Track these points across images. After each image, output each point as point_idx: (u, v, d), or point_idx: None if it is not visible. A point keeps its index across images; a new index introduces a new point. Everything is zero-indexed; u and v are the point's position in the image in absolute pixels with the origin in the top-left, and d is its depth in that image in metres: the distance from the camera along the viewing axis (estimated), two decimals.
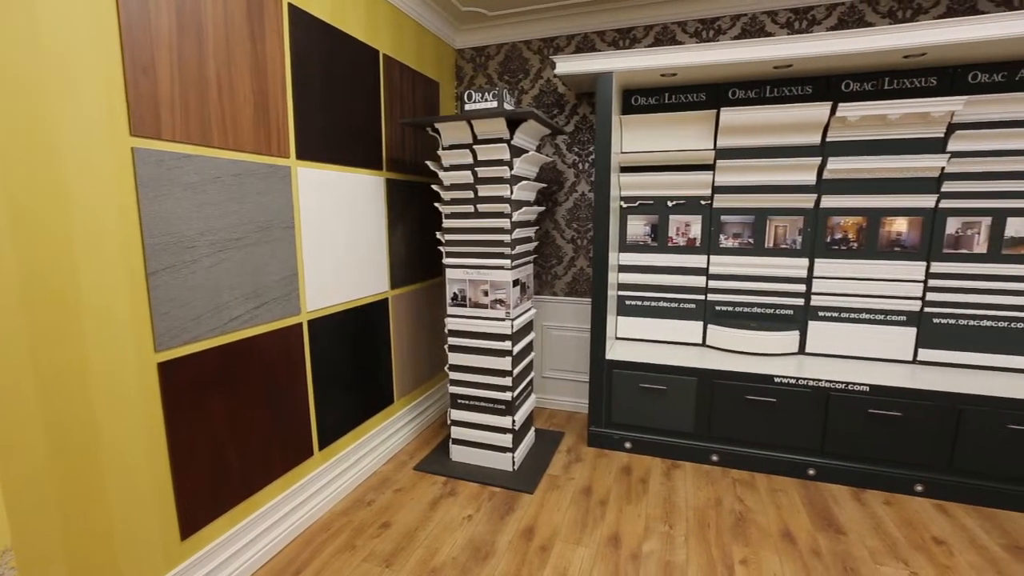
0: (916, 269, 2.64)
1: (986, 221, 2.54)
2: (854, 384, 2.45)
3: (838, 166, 2.63)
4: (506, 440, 2.61)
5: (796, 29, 2.78)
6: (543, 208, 2.91)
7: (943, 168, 2.53)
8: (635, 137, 2.94)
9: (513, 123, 2.38)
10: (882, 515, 2.29)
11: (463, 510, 2.33)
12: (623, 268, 3.08)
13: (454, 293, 2.57)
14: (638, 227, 3.03)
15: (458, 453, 2.73)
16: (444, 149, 2.49)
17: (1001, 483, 2.33)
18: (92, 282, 1.39)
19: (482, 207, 2.46)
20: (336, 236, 2.32)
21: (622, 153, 2.95)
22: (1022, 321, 2.53)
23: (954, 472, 2.38)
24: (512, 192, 2.39)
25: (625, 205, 3.03)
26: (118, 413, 1.47)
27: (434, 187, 2.59)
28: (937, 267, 2.62)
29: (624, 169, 2.99)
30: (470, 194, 2.47)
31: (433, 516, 2.29)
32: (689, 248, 2.96)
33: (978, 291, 2.58)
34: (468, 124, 2.37)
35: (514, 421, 2.59)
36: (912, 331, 2.69)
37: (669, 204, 2.96)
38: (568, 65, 2.65)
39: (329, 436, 2.34)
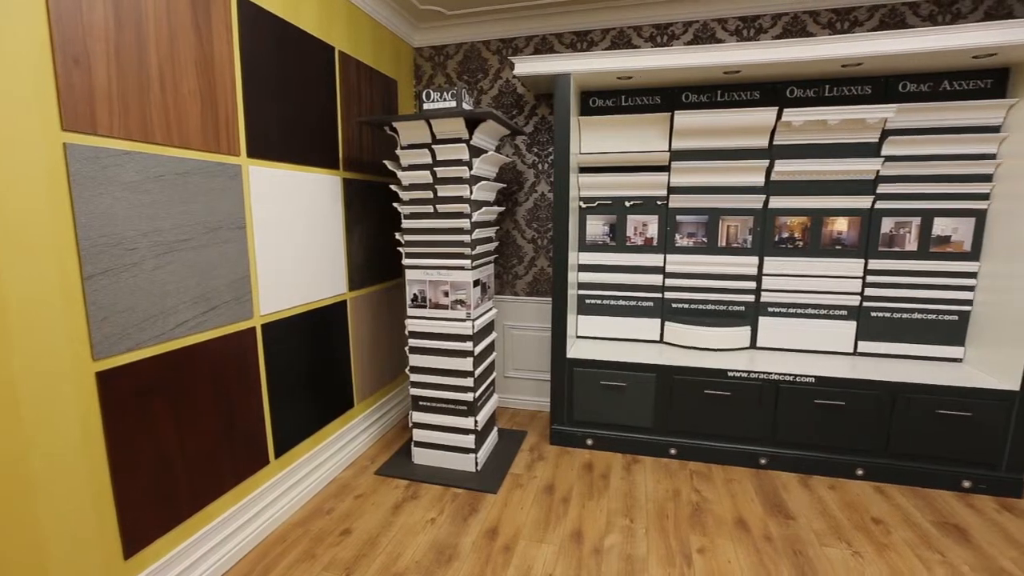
0: (855, 266, 2.80)
1: (916, 221, 2.71)
2: (801, 376, 2.57)
3: (784, 168, 2.75)
4: (469, 441, 2.60)
5: (744, 37, 2.90)
6: (503, 208, 2.92)
7: (878, 171, 2.69)
8: (593, 138, 2.99)
9: (472, 123, 2.37)
10: (827, 499, 2.41)
11: (426, 513, 2.31)
12: (583, 267, 3.13)
13: (414, 294, 2.55)
14: (597, 227, 3.08)
15: (420, 456, 2.70)
16: (402, 149, 2.46)
17: (931, 464, 2.50)
18: (20, 288, 1.29)
19: (441, 207, 2.44)
20: (291, 237, 2.25)
21: (581, 154, 3.00)
22: (947, 314, 2.73)
23: (890, 456, 2.54)
24: (471, 192, 2.39)
25: (584, 205, 3.08)
26: (53, 427, 1.38)
27: (393, 187, 2.56)
28: (874, 264, 2.78)
29: (583, 170, 3.04)
30: (429, 194, 2.45)
31: (395, 521, 2.25)
32: (646, 247, 3.04)
33: (910, 286, 2.76)
34: (427, 124, 2.35)
35: (476, 422, 2.58)
36: (852, 324, 2.85)
37: (627, 204, 3.02)
38: (527, 66, 2.67)
39: (286, 443, 2.27)
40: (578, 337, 3.21)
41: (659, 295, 3.06)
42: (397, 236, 2.56)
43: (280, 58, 2.14)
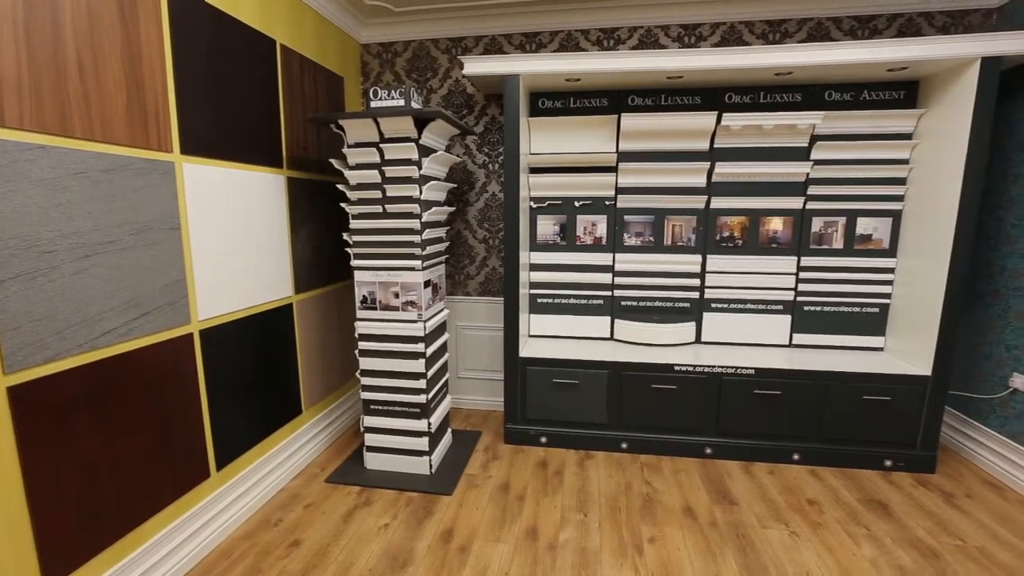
0: (789, 263, 2.97)
1: (842, 221, 2.91)
2: (742, 368, 2.70)
3: (724, 170, 2.88)
4: (422, 444, 2.57)
5: (686, 43, 3.01)
6: (454, 208, 2.91)
7: (808, 174, 2.86)
8: (543, 139, 3.02)
9: (421, 122, 2.35)
10: (767, 484, 2.55)
11: (379, 519, 2.26)
12: (534, 267, 3.16)
13: (364, 296, 2.49)
14: (547, 227, 3.12)
15: (373, 460, 2.65)
16: (349, 147, 2.39)
17: (858, 446, 2.69)
18: None
19: (390, 207, 2.40)
20: (232, 238, 2.15)
21: (531, 154, 3.02)
22: (870, 306, 2.94)
23: (823, 440, 2.71)
24: (421, 192, 2.36)
25: (535, 205, 3.11)
26: None
27: (340, 187, 2.49)
28: (805, 261, 2.96)
29: (533, 170, 3.06)
30: (378, 194, 2.40)
31: (347, 529, 2.20)
32: (596, 246, 3.10)
33: (837, 282, 2.96)
34: (374, 122, 2.30)
35: (430, 424, 2.56)
36: (788, 318, 3.02)
37: (576, 204, 3.08)
38: (476, 66, 2.67)
39: (228, 454, 2.16)
40: (530, 336, 3.23)
41: (609, 293, 3.14)
42: (345, 237, 2.49)
43: (216, 51, 2.04)
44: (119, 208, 1.63)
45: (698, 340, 3.11)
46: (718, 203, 2.96)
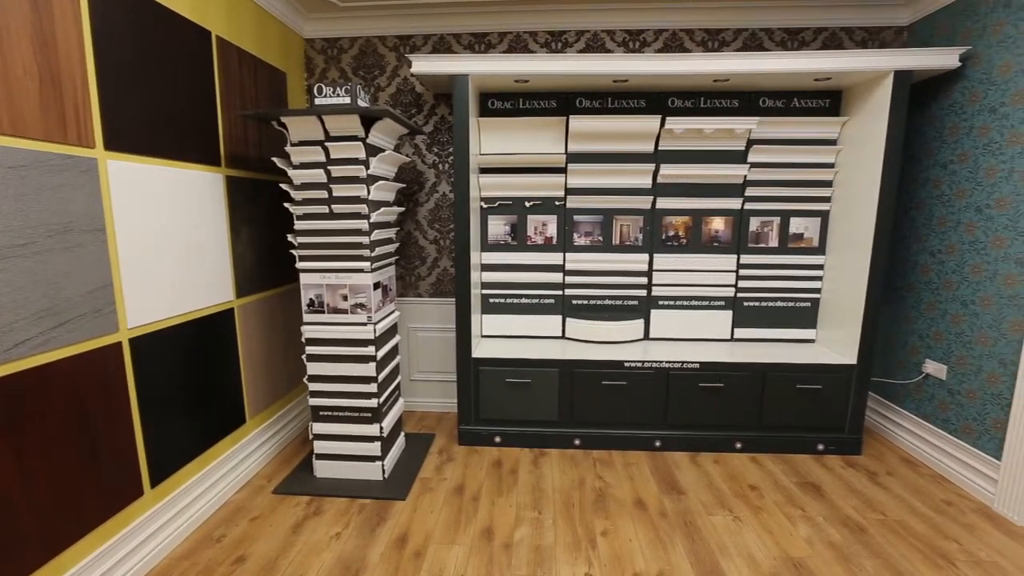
0: (730, 261, 3.12)
1: (776, 220, 3.08)
2: (687, 363, 2.81)
3: (668, 172, 2.99)
4: (374, 449, 2.52)
5: (631, 48, 3.10)
6: (403, 209, 2.87)
7: (745, 176, 3.01)
8: (492, 139, 3.03)
9: (368, 121, 2.30)
10: (712, 473, 2.66)
11: (330, 529, 2.20)
12: (486, 267, 3.16)
13: (310, 299, 2.41)
14: (498, 227, 3.13)
15: (323, 468, 2.57)
16: (293, 145, 2.31)
17: (794, 433, 2.86)
18: None
19: (337, 208, 2.34)
20: (165, 240, 2.02)
21: (481, 155, 3.02)
22: (803, 301, 3.13)
23: (762, 428, 2.86)
24: (369, 192, 2.31)
25: (485, 205, 3.11)
26: None
27: (283, 186, 2.40)
28: (744, 259, 3.12)
29: (483, 170, 3.06)
30: (324, 194, 2.33)
31: (296, 540, 2.12)
32: (546, 246, 3.14)
33: (773, 278, 3.13)
34: (319, 120, 2.23)
35: (382, 428, 2.51)
36: (729, 314, 3.17)
37: (527, 204, 3.10)
38: (425, 65, 2.64)
39: (164, 470, 2.04)
40: (483, 336, 3.23)
41: (560, 292, 3.18)
42: (290, 238, 2.41)
43: (144, 41, 1.92)
44: (33, 208, 1.50)
45: (646, 337, 3.21)
46: (663, 203, 3.07)
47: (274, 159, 2.36)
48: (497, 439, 2.93)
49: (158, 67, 1.99)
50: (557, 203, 3.10)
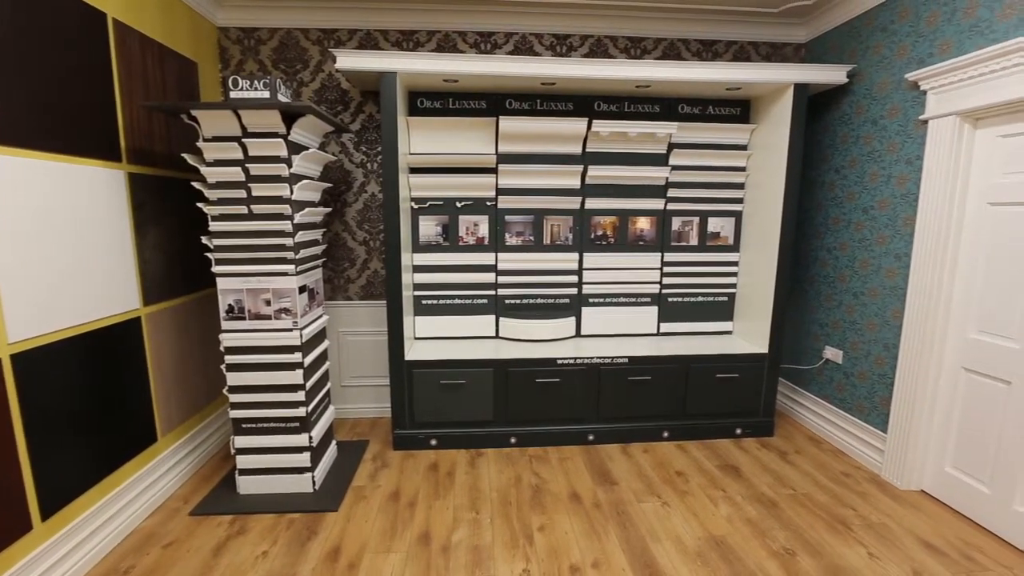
0: (655, 259, 3.27)
1: (696, 220, 3.27)
2: (617, 358, 2.92)
3: (596, 173, 3.09)
4: (303, 460, 2.41)
5: (558, 52, 3.17)
6: (330, 209, 2.76)
7: (667, 178, 3.17)
8: (422, 139, 2.99)
9: (290, 117, 2.20)
10: (642, 462, 2.79)
11: (256, 547, 2.08)
12: (417, 268, 3.12)
13: (229, 305, 2.26)
14: (430, 227, 3.10)
15: (247, 484, 2.42)
16: (206, 141, 2.16)
17: (715, 419, 3.05)
18: None
19: (258, 208, 2.21)
20: (54, 244, 1.82)
21: (410, 154, 2.98)
22: (721, 296, 3.35)
23: (687, 417, 3.03)
24: (292, 192, 2.21)
25: (416, 206, 3.07)
26: None
27: (196, 184, 2.23)
28: (668, 257, 3.29)
29: (413, 170, 3.02)
30: (242, 193, 2.20)
31: (218, 564, 1.98)
32: (479, 247, 3.15)
33: (694, 274, 3.32)
34: (235, 114, 2.10)
35: (311, 438, 2.41)
36: (655, 309, 3.32)
37: (458, 205, 3.09)
38: (350, 60, 2.56)
39: (57, 500, 1.84)
40: (416, 339, 3.19)
41: (493, 292, 3.20)
42: (205, 240, 2.25)
43: (22, 20, 1.71)
44: None
45: (578, 334, 3.30)
46: (592, 204, 3.16)
47: (185, 155, 2.19)
48: (433, 442, 2.90)
49: (40, 50, 1.79)
50: (488, 203, 3.11)
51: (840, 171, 2.95)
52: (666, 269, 3.30)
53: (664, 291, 3.32)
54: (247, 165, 2.18)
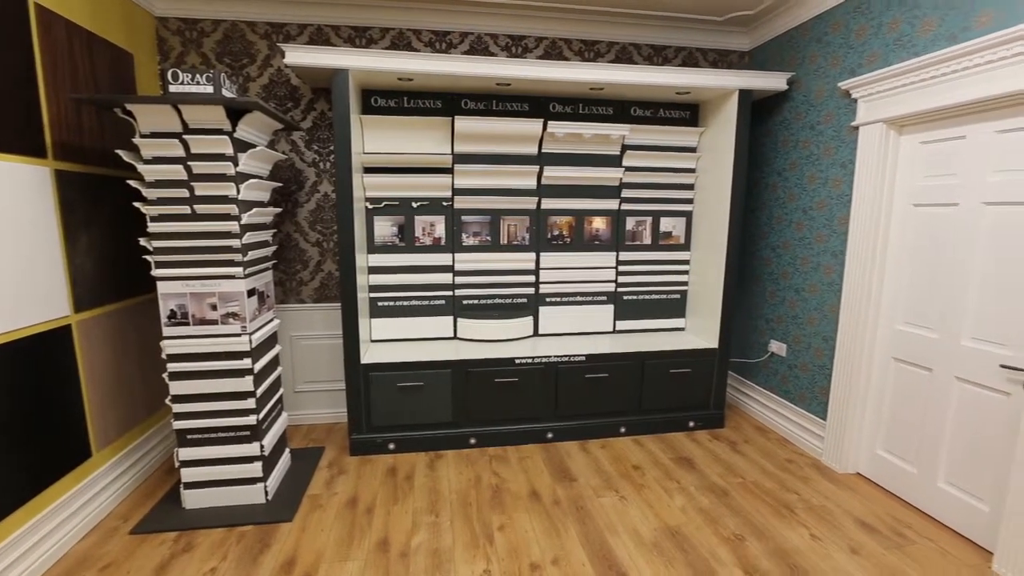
0: (610, 258, 3.34)
1: (649, 220, 3.37)
2: (574, 356, 2.96)
3: (552, 174, 3.12)
4: (255, 470, 2.32)
5: (513, 53, 3.19)
6: (281, 209, 2.67)
7: (621, 179, 3.25)
8: (377, 138, 2.93)
9: (236, 113, 2.11)
10: (600, 457, 2.84)
11: (204, 564, 1.98)
12: (373, 270, 3.06)
13: (171, 310, 2.15)
14: (385, 228, 3.05)
15: (193, 499, 2.31)
16: (143, 137, 2.05)
17: (669, 413, 3.14)
18: None
19: (202, 208, 2.11)
20: None
21: (364, 153, 2.92)
22: (673, 293, 3.46)
23: (643, 412, 3.11)
24: (239, 191, 2.12)
25: (371, 206, 3.01)
26: None
27: (133, 183, 2.11)
28: (623, 256, 3.36)
29: (368, 170, 2.96)
30: (184, 192, 2.09)
31: None
32: (435, 247, 3.12)
33: (648, 273, 3.41)
34: (175, 109, 2.00)
35: (263, 447, 2.32)
36: (611, 307, 3.39)
37: (414, 205, 3.05)
38: (300, 56, 2.48)
39: None
40: (372, 341, 3.12)
41: (450, 293, 3.18)
42: (143, 242, 2.13)
43: None
44: None
45: (536, 333, 3.33)
46: (548, 204, 3.20)
47: (120, 152, 2.06)
48: (391, 446, 2.85)
49: None
50: (445, 204, 3.09)
51: (782, 173, 3.11)
52: (621, 268, 3.37)
53: (619, 289, 3.39)
54: (189, 163, 2.07)
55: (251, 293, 2.26)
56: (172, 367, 2.19)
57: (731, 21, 3.21)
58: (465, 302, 3.20)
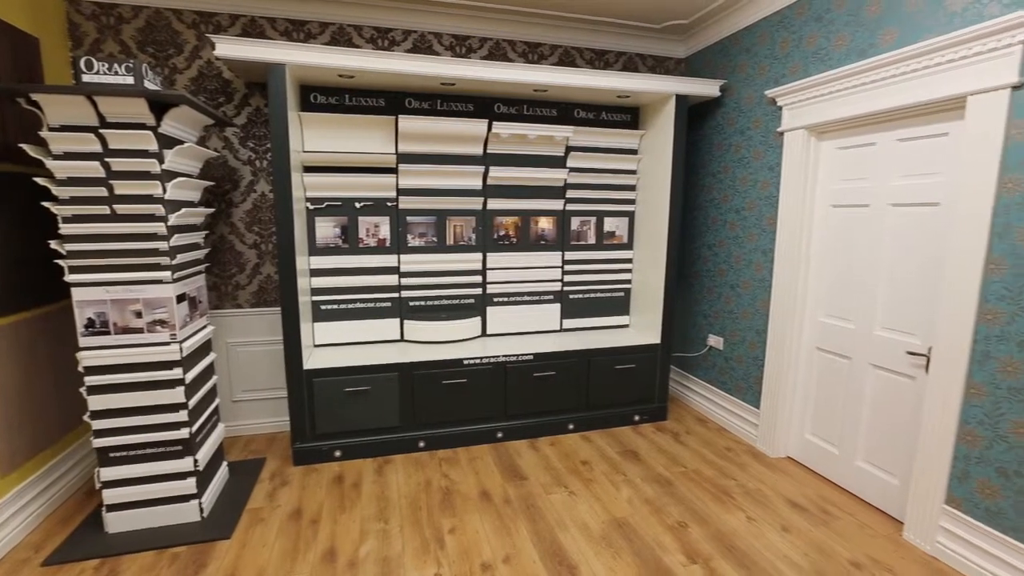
0: (556, 258, 3.39)
1: (593, 220, 3.45)
2: (523, 355, 2.99)
3: (497, 174, 3.13)
4: (188, 486, 2.19)
5: (457, 53, 3.17)
6: (213, 210, 2.53)
7: (565, 179, 3.30)
8: (317, 136, 2.84)
9: (161, 106, 1.98)
10: (549, 455, 2.88)
11: None
12: (315, 272, 2.95)
13: (89, 319, 1.99)
14: (327, 229, 2.95)
15: (118, 522, 2.14)
16: (51, 131, 1.88)
17: (615, 408, 3.23)
18: None
19: (123, 208, 1.96)
20: None
21: (304, 152, 2.81)
22: (617, 291, 3.56)
23: (590, 408, 3.18)
24: (165, 190, 1.99)
25: (312, 206, 2.90)
26: None
27: (41, 181, 1.93)
28: (568, 256, 3.42)
29: (308, 169, 2.86)
30: (102, 191, 1.94)
31: None
32: (380, 248, 3.05)
33: (592, 271, 3.49)
34: (90, 101, 1.85)
35: (196, 461, 2.19)
36: (557, 306, 3.45)
37: (357, 205, 2.98)
38: (232, 48, 2.36)
39: None
40: (316, 346, 3.02)
41: (396, 295, 3.12)
42: (54, 245, 1.95)
43: None
44: None
45: (484, 333, 3.33)
46: (494, 204, 3.21)
47: (24, 147, 1.88)
48: (337, 453, 2.77)
49: None
50: (389, 204, 3.03)
51: (716, 175, 3.27)
52: (567, 267, 3.43)
53: (566, 288, 3.45)
54: (107, 160, 1.92)
55: (181, 298, 2.13)
56: (91, 380, 2.02)
57: (668, 29, 3.34)
58: (412, 304, 3.16)
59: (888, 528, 2.23)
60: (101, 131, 1.90)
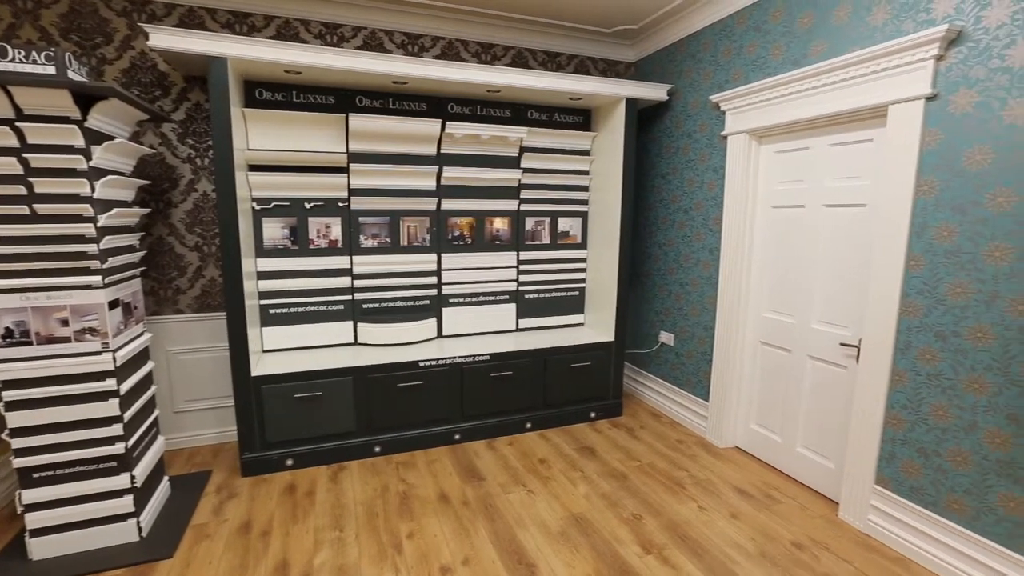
0: (511, 258, 3.41)
1: (548, 220, 3.48)
2: (479, 356, 2.99)
3: (451, 174, 3.11)
4: (125, 504, 2.05)
5: (409, 51, 3.13)
6: (149, 210, 2.39)
7: (520, 180, 3.32)
8: (263, 134, 2.73)
9: (87, 99, 1.85)
10: (507, 454, 2.89)
11: None
12: (262, 275, 2.84)
13: (7, 328, 1.83)
14: (275, 230, 2.84)
15: (43, 547, 1.98)
16: None
17: (572, 406, 3.28)
18: None
19: (44, 208, 1.82)
20: None
21: (249, 150, 2.70)
22: (572, 290, 3.62)
23: (547, 407, 3.21)
24: (94, 189, 1.86)
25: (258, 207, 2.79)
26: None
27: None
28: (523, 255, 3.45)
29: (253, 167, 2.75)
30: (20, 189, 1.79)
31: None
32: (331, 250, 2.97)
33: (547, 271, 3.53)
34: (3, 91, 1.71)
35: (134, 477, 2.06)
36: (513, 306, 3.46)
37: (307, 206, 2.88)
38: (167, 39, 2.23)
39: None
40: (264, 352, 2.90)
41: (349, 297, 3.05)
42: None
43: None
44: None
45: (439, 335, 3.30)
46: (448, 204, 3.19)
47: None
48: (289, 462, 2.67)
49: None
50: (340, 204, 2.95)
51: (665, 176, 3.38)
52: (522, 267, 3.46)
53: (521, 288, 3.47)
54: (25, 155, 1.78)
55: (114, 305, 2.00)
56: (9, 395, 1.86)
57: (618, 34, 3.42)
58: (365, 306, 3.09)
59: (825, 509, 2.37)
60: (18, 124, 1.75)
